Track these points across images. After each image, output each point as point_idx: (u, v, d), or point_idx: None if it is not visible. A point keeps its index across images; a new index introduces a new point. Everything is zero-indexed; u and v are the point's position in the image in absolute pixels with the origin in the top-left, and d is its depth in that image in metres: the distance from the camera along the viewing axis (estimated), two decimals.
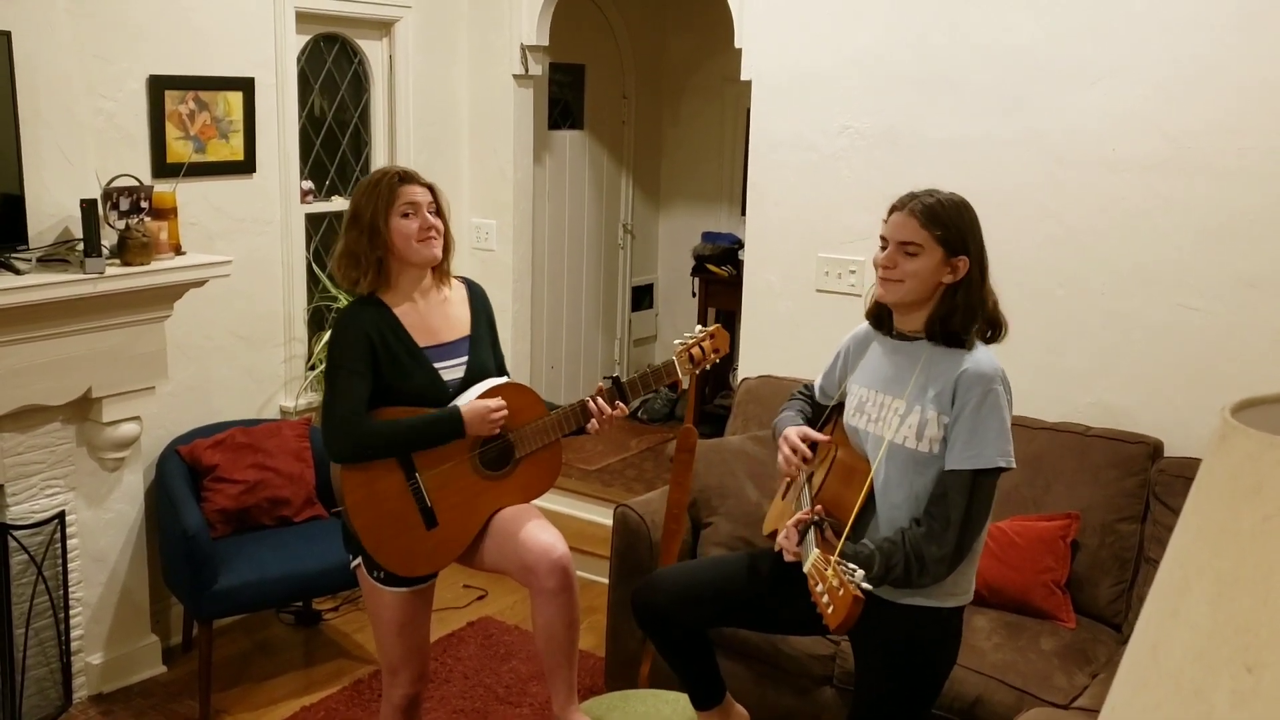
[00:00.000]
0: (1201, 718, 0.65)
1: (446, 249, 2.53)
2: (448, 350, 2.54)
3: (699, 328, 2.69)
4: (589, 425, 2.57)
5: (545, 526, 2.50)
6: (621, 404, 2.59)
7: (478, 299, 2.65)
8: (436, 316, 2.55)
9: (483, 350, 2.60)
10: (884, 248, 2.21)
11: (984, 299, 2.20)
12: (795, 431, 2.38)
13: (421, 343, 2.50)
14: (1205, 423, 3.13)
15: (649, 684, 3.11)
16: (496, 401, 2.47)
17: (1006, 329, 2.23)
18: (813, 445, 2.38)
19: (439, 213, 2.51)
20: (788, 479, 2.48)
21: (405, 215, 2.44)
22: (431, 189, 2.51)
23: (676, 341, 2.66)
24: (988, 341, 2.23)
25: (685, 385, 3.02)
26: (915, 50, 3.54)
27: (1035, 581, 3.03)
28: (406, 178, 2.48)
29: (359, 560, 2.56)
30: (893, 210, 2.23)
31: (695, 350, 2.62)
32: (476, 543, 2.56)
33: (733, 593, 2.45)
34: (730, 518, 3.29)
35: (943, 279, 2.18)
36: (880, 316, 2.34)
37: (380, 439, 2.43)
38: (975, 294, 2.18)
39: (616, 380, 2.60)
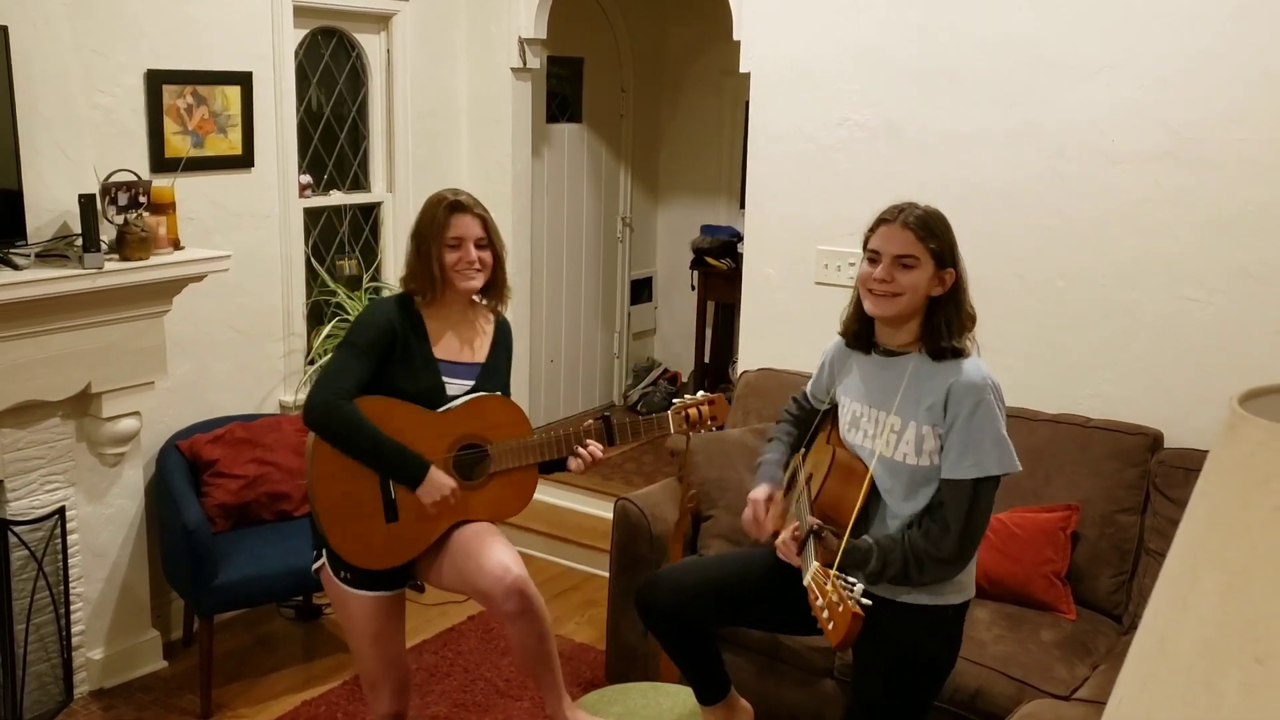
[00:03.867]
0: (1211, 709, 0.65)
1: (492, 280, 2.59)
2: (459, 369, 2.59)
3: (701, 393, 2.75)
4: (572, 463, 2.59)
5: (501, 548, 2.48)
6: (598, 446, 2.60)
7: (502, 334, 2.71)
8: (460, 338, 2.60)
9: (492, 382, 2.64)
10: (873, 260, 2.21)
11: (971, 310, 2.23)
12: (762, 493, 2.41)
13: (438, 355, 2.55)
14: (1205, 414, 3.13)
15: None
16: (454, 489, 2.48)
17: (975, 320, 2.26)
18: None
19: (491, 243, 2.55)
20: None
21: (452, 246, 2.51)
22: (483, 220, 2.55)
23: (676, 400, 2.70)
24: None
25: (676, 440, 3.12)
26: (915, 43, 3.53)
27: (1035, 573, 3.03)
28: (458, 207, 2.53)
29: (322, 560, 2.56)
30: (880, 223, 2.22)
31: (692, 411, 2.67)
32: (436, 560, 2.56)
33: (736, 593, 2.46)
34: (731, 511, 3.29)
35: (932, 292, 2.18)
36: (858, 334, 2.32)
37: (349, 434, 2.43)
38: (964, 305, 2.21)
39: (607, 420, 2.63)
